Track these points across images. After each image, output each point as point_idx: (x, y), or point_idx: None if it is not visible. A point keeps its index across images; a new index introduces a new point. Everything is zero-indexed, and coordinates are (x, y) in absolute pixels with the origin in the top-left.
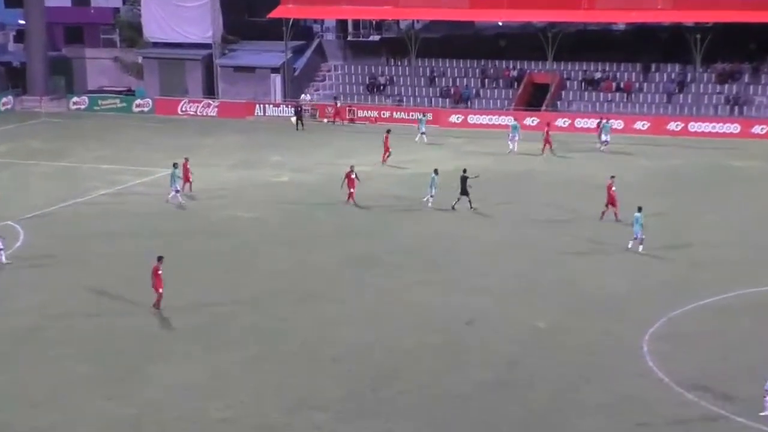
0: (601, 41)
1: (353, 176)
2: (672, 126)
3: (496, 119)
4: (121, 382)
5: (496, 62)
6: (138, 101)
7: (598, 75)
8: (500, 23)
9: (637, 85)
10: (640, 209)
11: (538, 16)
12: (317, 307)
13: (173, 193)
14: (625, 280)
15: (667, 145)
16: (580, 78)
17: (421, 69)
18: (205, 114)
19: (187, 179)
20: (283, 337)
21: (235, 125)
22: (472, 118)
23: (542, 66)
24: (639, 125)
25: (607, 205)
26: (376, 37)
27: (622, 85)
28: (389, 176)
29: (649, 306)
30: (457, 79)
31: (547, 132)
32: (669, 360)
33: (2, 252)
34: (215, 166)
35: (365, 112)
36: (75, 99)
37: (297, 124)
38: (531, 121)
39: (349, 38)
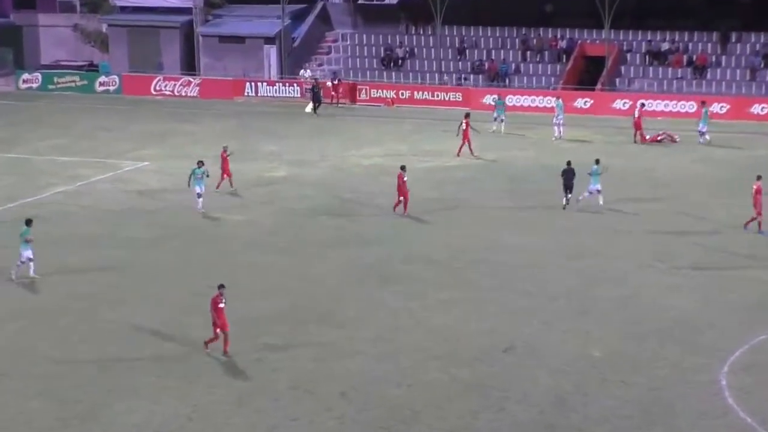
0: (669, 5)
1: (405, 179)
2: (756, 109)
3: (540, 100)
4: (81, 422)
5: (540, 30)
6: (102, 79)
7: (665, 46)
8: None
9: (713, 58)
10: (597, 161)
11: None
12: (320, 331)
13: (199, 199)
14: (697, 300)
15: (750, 132)
16: (643, 50)
17: (448, 39)
18: (184, 94)
19: (226, 173)
20: (278, 369)
21: (220, 108)
22: (511, 99)
23: (597, 35)
24: (716, 108)
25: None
26: (394, 0)
27: (694, 59)
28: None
29: (727, 331)
30: (493, 52)
31: (640, 113)
32: (752, 396)
33: (32, 263)
34: (196, 158)
35: (380, 91)
36: (25, 76)
37: (315, 107)
38: (583, 102)
39: (360, 1)
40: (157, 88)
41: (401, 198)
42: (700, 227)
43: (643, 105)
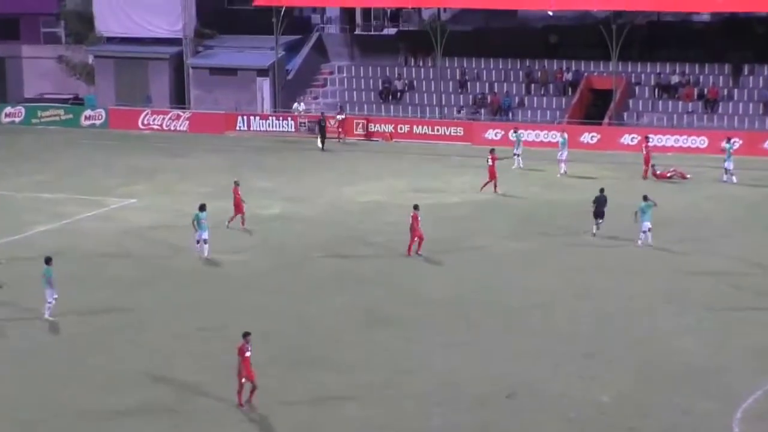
0: (680, 36)
1: (419, 219)
2: None
3: (545, 135)
4: None
5: (545, 62)
6: (88, 112)
7: (675, 79)
8: (551, 13)
9: (725, 92)
10: (646, 198)
11: (599, 4)
12: (316, 375)
13: (199, 244)
14: (710, 343)
15: (764, 169)
16: (652, 83)
17: (449, 71)
18: (173, 128)
19: (239, 209)
20: (272, 415)
21: (211, 142)
22: (515, 134)
23: (604, 67)
24: (732, 140)
25: None
26: (392, 31)
27: (706, 92)
28: (404, 208)
29: (740, 376)
30: (495, 84)
31: (647, 149)
32: None
33: (49, 306)
34: (186, 195)
35: (377, 126)
36: (8, 110)
37: (322, 142)
38: (590, 137)
39: (357, 32)
40: (145, 122)
41: (416, 239)
42: (712, 267)
43: (648, 139)
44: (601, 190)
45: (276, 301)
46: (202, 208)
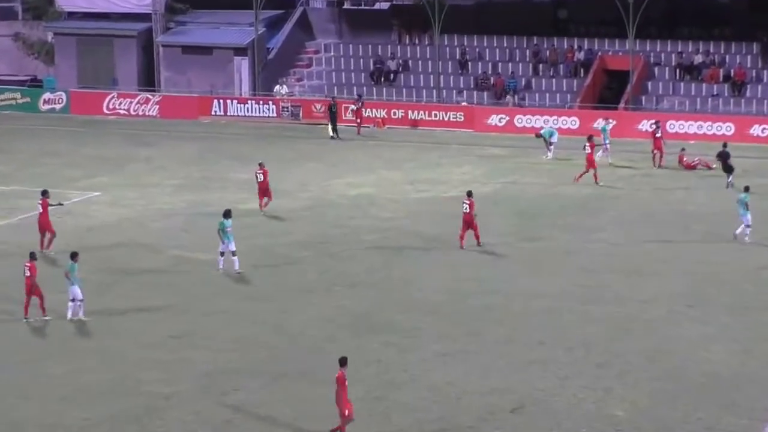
0: (703, 11)
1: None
2: None
3: (554, 121)
4: None
5: (554, 41)
6: (47, 96)
7: (698, 59)
8: None
9: (753, 73)
10: (747, 189)
11: None
12: (300, 387)
13: (224, 256)
14: (735, 351)
15: None
16: (673, 63)
17: (447, 50)
18: (142, 113)
19: (266, 193)
20: None
21: (184, 129)
22: (521, 120)
23: (620, 46)
24: (756, 130)
25: None
26: (385, 5)
27: (732, 74)
28: (398, 203)
29: None
30: (499, 65)
31: (657, 136)
32: None
33: (81, 305)
34: (155, 187)
35: (368, 110)
36: None
37: (333, 130)
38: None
39: (346, 6)
40: (111, 106)
41: (470, 229)
42: (737, 267)
43: (657, 125)
44: (724, 145)
45: (255, 305)
46: (227, 214)
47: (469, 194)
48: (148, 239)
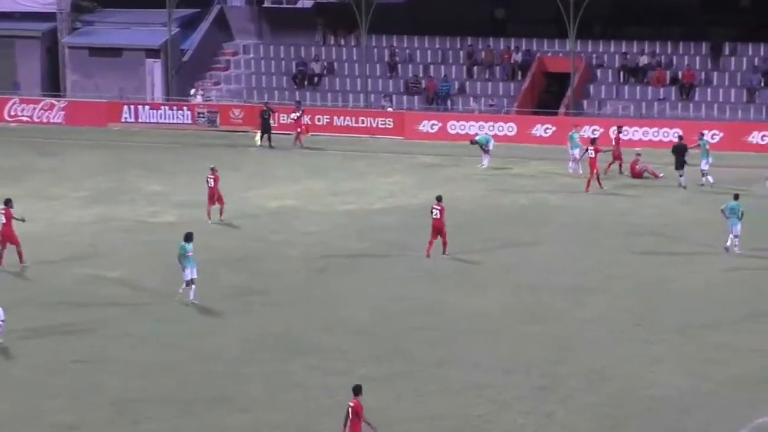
0: (649, 10)
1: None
2: (755, 137)
3: (490, 127)
4: None
5: (490, 41)
6: None
7: (644, 60)
8: None
9: (703, 75)
10: (737, 197)
11: None
12: (216, 415)
13: (192, 286)
14: (685, 373)
15: (748, 166)
16: (616, 65)
17: (376, 51)
18: (45, 120)
19: (216, 198)
20: None
21: (91, 137)
22: (454, 126)
23: (560, 47)
24: (705, 135)
25: None
26: (308, 3)
27: (680, 76)
28: (322, 215)
29: (721, 412)
30: (431, 67)
31: (617, 141)
32: None
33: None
34: (60, 200)
35: (290, 116)
36: None
37: (265, 139)
38: (543, 130)
39: (267, 4)
40: (12, 112)
41: (440, 236)
42: (688, 284)
43: (619, 129)
44: (680, 138)
45: (167, 327)
46: (188, 238)
47: (439, 199)
48: (50, 256)
